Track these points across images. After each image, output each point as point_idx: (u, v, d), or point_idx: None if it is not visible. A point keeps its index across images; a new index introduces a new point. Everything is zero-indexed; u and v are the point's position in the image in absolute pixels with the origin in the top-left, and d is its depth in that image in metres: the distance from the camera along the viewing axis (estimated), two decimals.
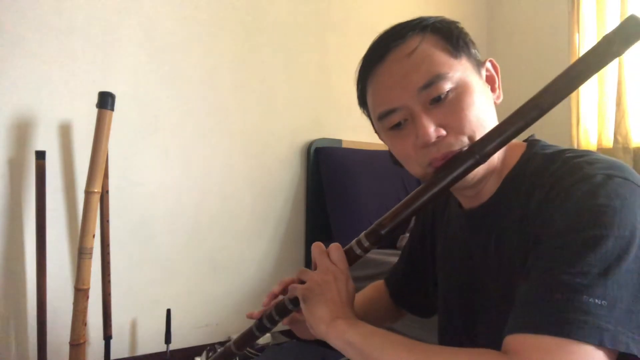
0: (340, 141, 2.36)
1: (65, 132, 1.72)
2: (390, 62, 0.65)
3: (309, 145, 2.29)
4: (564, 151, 0.63)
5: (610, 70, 2.27)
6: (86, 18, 1.75)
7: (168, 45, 1.93)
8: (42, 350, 1.58)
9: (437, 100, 0.62)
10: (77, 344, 1.51)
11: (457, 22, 0.68)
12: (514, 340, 0.52)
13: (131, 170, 1.85)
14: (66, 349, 1.53)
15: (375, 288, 0.99)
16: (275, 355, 1.84)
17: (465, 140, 0.62)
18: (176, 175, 1.96)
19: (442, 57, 0.63)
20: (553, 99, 0.57)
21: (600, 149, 2.32)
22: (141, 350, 1.88)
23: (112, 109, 1.59)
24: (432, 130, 0.62)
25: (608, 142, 2.31)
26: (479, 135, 0.62)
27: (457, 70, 0.63)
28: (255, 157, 2.16)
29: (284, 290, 0.79)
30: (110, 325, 1.72)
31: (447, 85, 0.62)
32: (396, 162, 0.74)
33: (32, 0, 1.65)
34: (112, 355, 1.75)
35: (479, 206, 0.69)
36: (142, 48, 1.87)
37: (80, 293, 1.52)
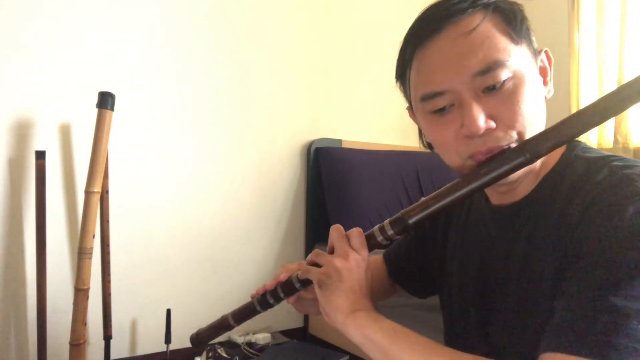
0: (340, 141, 2.36)
1: (65, 132, 1.72)
2: (445, 38, 0.58)
3: (309, 145, 2.29)
4: (608, 158, 0.59)
5: (610, 70, 2.27)
6: (86, 18, 1.75)
7: (168, 46, 1.93)
8: (42, 350, 1.58)
9: (492, 89, 0.57)
10: (77, 344, 1.51)
11: (520, 4, 0.62)
12: (551, 359, 0.49)
13: (131, 170, 1.85)
14: (66, 349, 1.53)
15: (372, 263, 0.95)
16: (275, 355, 1.84)
17: (514, 135, 0.57)
18: (176, 175, 1.96)
19: (502, 42, 0.57)
20: (621, 106, 0.52)
21: (600, 149, 2.32)
22: (141, 350, 1.88)
23: (112, 109, 1.59)
24: (481, 121, 0.56)
25: (608, 142, 2.31)
26: (528, 132, 0.58)
27: (516, 57, 0.57)
28: (255, 157, 2.16)
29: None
30: (110, 325, 1.72)
31: (505, 74, 0.56)
32: (428, 146, 0.70)
33: (32, 1, 1.65)
34: (112, 355, 1.75)
35: (510, 204, 0.65)
36: (142, 48, 1.87)
37: (80, 293, 1.52)
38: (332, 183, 2.21)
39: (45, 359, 1.58)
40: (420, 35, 0.60)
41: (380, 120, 2.57)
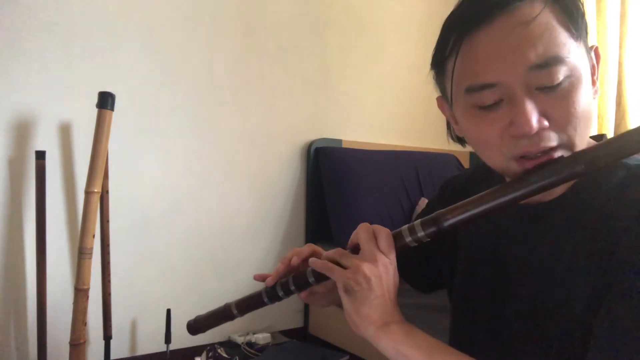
0: (340, 141, 2.36)
1: (65, 132, 1.72)
2: (500, 26, 0.53)
3: (309, 145, 2.29)
4: None
5: (610, 70, 2.27)
6: (86, 18, 1.75)
7: (168, 45, 1.93)
8: (42, 350, 1.58)
9: (547, 87, 0.52)
10: (77, 344, 1.51)
11: None
12: None
13: (131, 170, 1.85)
14: (66, 349, 1.53)
15: None
16: (275, 355, 1.84)
17: (565, 138, 0.54)
18: (176, 175, 1.96)
19: (562, 36, 0.53)
20: None
21: None
22: (141, 350, 1.88)
23: (112, 109, 1.59)
24: (535, 120, 0.52)
25: None
26: (578, 135, 0.54)
27: (574, 54, 0.53)
28: (255, 157, 2.16)
29: (305, 262, 0.70)
30: (110, 325, 1.72)
31: (563, 72, 0.52)
32: (459, 140, 0.66)
33: (32, 0, 1.65)
34: (112, 355, 1.75)
35: (539, 204, 0.61)
36: (142, 48, 1.87)
37: (80, 293, 1.52)
38: (332, 183, 2.21)
39: (45, 359, 1.58)
40: (470, 21, 0.54)
41: (380, 120, 2.57)
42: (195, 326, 0.77)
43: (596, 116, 2.37)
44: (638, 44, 2.16)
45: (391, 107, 2.61)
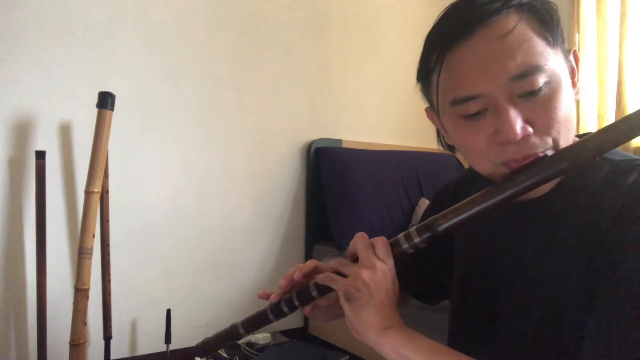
0: (340, 141, 2.36)
1: (65, 132, 1.72)
2: (479, 40, 0.55)
3: (309, 145, 2.29)
4: (635, 161, 0.57)
5: (610, 70, 2.26)
6: (86, 18, 1.75)
7: (168, 45, 1.93)
8: (42, 350, 1.58)
9: (528, 94, 0.54)
10: (77, 344, 1.51)
11: (554, 4, 0.59)
12: None
13: (131, 170, 1.85)
14: (66, 349, 1.53)
15: None
16: (275, 355, 1.84)
17: (550, 142, 0.56)
18: (176, 175, 1.96)
19: (539, 45, 0.55)
20: None
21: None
22: (141, 350, 1.88)
23: (112, 109, 1.58)
24: (519, 127, 0.54)
25: None
26: (562, 137, 0.56)
27: (552, 61, 0.55)
28: (255, 157, 2.16)
29: (307, 277, 0.72)
30: (110, 325, 1.72)
31: (542, 79, 0.54)
32: (449, 147, 0.68)
33: (32, 1, 1.65)
34: (112, 355, 1.75)
35: (528, 201, 0.61)
36: (142, 48, 1.87)
37: (80, 293, 1.52)
38: (332, 183, 2.21)
39: (45, 359, 1.58)
40: (451, 37, 0.57)
41: (380, 120, 2.57)
42: (204, 349, 0.80)
43: (596, 116, 2.37)
44: (638, 44, 2.16)
45: (391, 107, 2.61)
